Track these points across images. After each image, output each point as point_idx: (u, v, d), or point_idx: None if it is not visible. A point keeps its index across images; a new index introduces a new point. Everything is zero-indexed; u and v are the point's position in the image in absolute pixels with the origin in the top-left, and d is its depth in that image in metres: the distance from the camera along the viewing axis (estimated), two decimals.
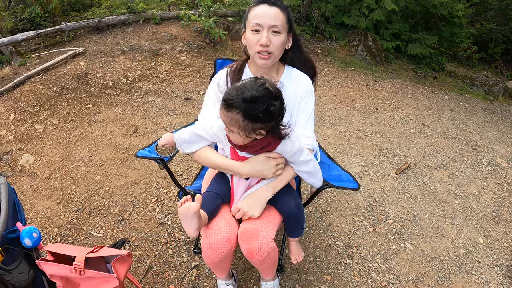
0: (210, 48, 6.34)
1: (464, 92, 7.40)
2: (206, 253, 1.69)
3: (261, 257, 1.69)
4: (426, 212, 3.27)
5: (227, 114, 1.47)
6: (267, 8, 1.76)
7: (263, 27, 1.75)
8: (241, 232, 1.71)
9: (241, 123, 1.46)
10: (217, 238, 1.65)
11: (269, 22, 1.75)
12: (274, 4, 1.78)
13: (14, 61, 5.33)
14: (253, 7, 1.80)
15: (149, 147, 1.99)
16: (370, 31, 8.14)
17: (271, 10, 1.76)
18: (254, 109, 1.43)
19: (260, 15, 1.76)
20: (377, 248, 2.78)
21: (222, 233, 1.66)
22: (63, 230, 2.73)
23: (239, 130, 1.50)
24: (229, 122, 1.49)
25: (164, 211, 2.95)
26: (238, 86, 1.47)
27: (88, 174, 3.35)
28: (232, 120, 1.47)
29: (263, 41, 1.74)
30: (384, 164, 3.92)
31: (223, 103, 1.47)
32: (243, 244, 1.69)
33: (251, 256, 1.69)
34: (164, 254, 2.54)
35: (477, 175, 4.02)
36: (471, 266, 2.75)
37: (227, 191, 1.81)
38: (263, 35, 1.75)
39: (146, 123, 4.23)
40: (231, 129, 1.52)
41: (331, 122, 4.77)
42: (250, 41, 1.80)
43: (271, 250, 1.71)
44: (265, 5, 1.77)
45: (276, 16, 1.77)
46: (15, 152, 3.62)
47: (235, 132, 1.52)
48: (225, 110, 1.47)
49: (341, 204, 3.21)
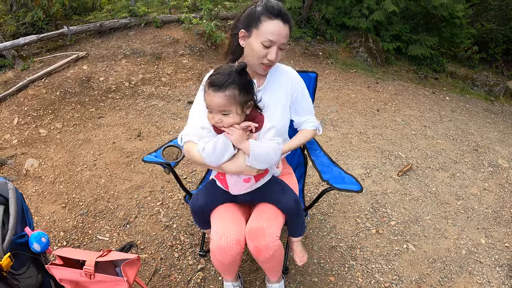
0: (212, 51, 6.38)
1: (465, 93, 7.43)
2: (216, 256, 1.72)
3: (268, 254, 1.72)
4: (428, 213, 3.30)
5: (222, 95, 1.52)
6: (281, 26, 1.78)
7: (275, 44, 1.78)
8: (248, 231, 1.74)
9: (237, 98, 1.55)
10: (227, 241, 1.68)
11: (282, 40, 1.79)
12: (287, 21, 1.80)
13: (17, 65, 5.36)
14: (266, 19, 1.77)
15: (155, 152, 2.01)
16: (371, 33, 8.17)
17: (284, 29, 1.79)
18: (244, 79, 1.58)
19: (275, 32, 1.76)
20: (380, 250, 2.80)
21: (232, 235, 1.69)
22: (69, 234, 2.75)
23: (237, 107, 1.56)
24: (226, 103, 1.54)
25: (169, 214, 2.97)
26: (219, 71, 1.58)
27: (92, 178, 3.37)
28: (230, 98, 1.53)
29: (273, 58, 1.79)
30: (386, 166, 3.95)
31: (213, 86, 1.54)
32: (251, 242, 1.72)
33: (258, 254, 1.72)
34: (170, 257, 2.57)
35: (478, 176, 4.04)
36: (473, 267, 2.76)
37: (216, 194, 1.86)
38: (272, 52, 1.79)
39: (150, 126, 4.26)
40: (229, 111, 1.56)
41: (333, 125, 4.80)
42: (257, 53, 1.80)
43: (277, 248, 1.75)
44: (280, 21, 1.78)
45: (287, 34, 1.81)
46: (19, 156, 3.65)
47: (232, 113, 1.57)
48: (221, 92, 1.52)
49: (344, 206, 3.24)
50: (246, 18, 1.85)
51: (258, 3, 1.83)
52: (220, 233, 1.70)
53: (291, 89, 2.01)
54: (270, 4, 1.79)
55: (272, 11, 1.77)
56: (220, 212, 1.81)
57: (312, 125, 2.09)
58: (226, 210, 1.82)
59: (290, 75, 2.04)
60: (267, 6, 1.78)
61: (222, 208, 1.83)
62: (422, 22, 8.71)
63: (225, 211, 1.81)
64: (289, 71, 2.05)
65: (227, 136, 1.60)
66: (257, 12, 1.79)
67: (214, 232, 1.72)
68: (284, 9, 1.81)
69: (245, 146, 1.61)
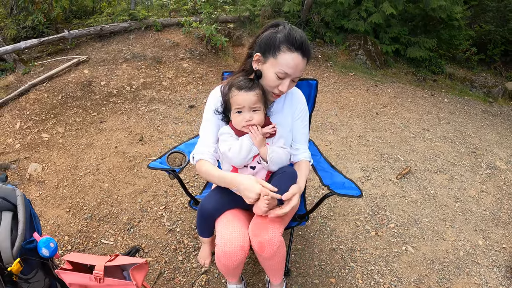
0: (212, 54, 6.42)
1: (464, 94, 7.46)
2: (221, 261, 1.75)
3: (271, 250, 1.74)
4: (427, 215, 3.34)
5: (253, 93, 1.76)
6: (300, 59, 1.72)
7: (289, 77, 1.75)
8: (252, 227, 1.79)
9: (263, 97, 1.80)
10: (232, 247, 1.71)
11: (297, 74, 1.76)
12: (307, 54, 1.75)
13: (18, 69, 5.38)
14: (286, 50, 1.70)
15: (160, 159, 2.05)
16: (370, 35, 8.20)
17: (302, 63, 1.74)
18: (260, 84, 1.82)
19: (292, 66, 1.71)
20: (379, 252, 2.85)
21: (237, 242, 1.72)
22: (73, 238, 2.79)
23: (263, 105, 1.81)
24: (256, 100, 1.77)
25: (172, 218, 3.01)
26: (240, 78, 1.83)
27: (96, 183, 3.41)
28: (259, 96, 1.78)
29: (284, 90, 1.77)
30: (385, 169, 3.99)
31: (243, 88, 1.76)
32: (254, 237, 1.75)
33: (262, 250, 1.75)
34: (174, 260, 2.61)
35: (476, 178, 4.08)
36: (470, 268, 2.81)
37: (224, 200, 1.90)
38: (285, 84, 1.76)
39: (152, 131, 4.30)
40: (259, 107, 1.79)
41: (333, 128, 4.84)
42: (269, 82, 1.78)
43: (281, 244, 1.78)
44: (299, 55, 1.71)
45: (304, 68, 1.78)
46: (22, 161, 3.68)
47: (260, 109, 1.80)
48: (250, 91, 1.76)
49: (344, 210, 3.28)
50: (264, 42, 1.77)
51: (279, 29, 1.75)
52: (226, 239, 1.73)
53: (294, 114, 2.01)
54: (293, 34, 1.71)
55: (294, 43, 1.70)
56: (226, 219, 1.84)
57: (308, 156, 2.07)
58: (232, 216, 1.85)
59: (296, 98, 2.03)
60: (289, 36, 1.71)
61: (228, 214, 1.86)
62: (421, 24, 8.75)
63: (231, 218, 1.84)
64: (295, 95, 2.04)
65: (252, 138, 1.80)
66: (277, 40, 1.72)
67: (219, 238, 1.76)
68: (307, 41, 1.73)
69: (263, 151, 1.82)
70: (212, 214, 1.88)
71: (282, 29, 1.75)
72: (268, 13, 8.10)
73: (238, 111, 1.79)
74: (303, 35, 1.74)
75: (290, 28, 1.75)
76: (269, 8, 8.18)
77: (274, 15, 8.20)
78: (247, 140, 1.80)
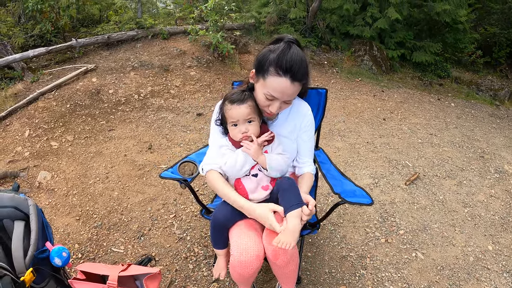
0: (219, 62, 6.43)
1: (470, 98, 7.43)
2: (236, 270, 1.75)
3: (285, 258, 1.75)
4: (436, 221, 3.33)
5: (246, 106, 1.77)
6: (288, 84, 1.66)
7: (278, 100, 1.73)
8: (266, 235, 1.79)
9: (256, 108, 1.80)
10: (248, 257, 1.71)
11: (286, 98, 1.73)
12: (297, 79, 1.68)
13: (26, 77, 5.42)
14: (274, 73, 1.66)
15: (172, 168, 2.06)
16: (375, 40, 8.19)
17: (291, 87, 1.68)
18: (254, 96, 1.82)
19: (279, 90, 1.68)
20: (389, 258, 2.84)
21: (252, 251, 1.72)
22: (83, 246, 2.79)
23: (255, 114, 1.80)
24: (250, 112, 1.77)
25: (182, 226, 3.02)
26: (233, 92, 1.84)
27: (105, 191, 3.43)
28: (252, 107, 1.78)
29: (274, 111, 1.76)
30: (394, 176, 3.99)
31: (236, 102, 1.77)
32: (269, 245, 1.75)
33: (276, 258, 1.75)
34: (185, 268, 2.61)
35: (485, 183, 4.06)
36: (480, 273, 2.80)
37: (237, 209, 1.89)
38: (274, 105, 1.75)
39: (160, 139, 4.31)
40: (253, 118, 1.80)
41: (341, 135, 4.84)
42: (260, 101, 1.78)
43: (294, 252, 1.80)
44: (288, 79, 1.65)
45: (295, 92, 1.73)
46: (32, 169, 3.69)
47: (255, 120, 1.81)
48: (243, 104, 1.77)
49: (354, 217, 3.28)
50: (259, 60, 1.74)
51: (276, 47, 1.70)
52: (241, 249, 1.73)
53: (300, 127, 2.01)
54: (282, 57, 1.65)
55: (282, 67, 1.64)
56: (239, 228, 1.84)
57: (312, 169, 2.08)
58: (245, 226, 1.85)
59: (301, 112, 2.01)
60: (279, 59, 1.65)
61: (241, 224, 1.86)
62: (426, 28, 8.74)
63: (245, 227, 1.84)
64: (301, 108, 2.01)
65: (245, 151, 1.79)
66: (268, 61, 1.68)
67: (234, 247, 1.76)
68: (298, 65, 1.65)
69: (262, 160, 1.82)
70: (225, 224, 1.88)
71: (277, 48, 1.69)
72: (273, 20, 8.12)
73: (233, 124, 1.81)
74: (296, 56, 1.66)
75: (285, 47, 1.68)
76: (275, 15, 8.19)
77: (279, 22, 8.22)
78: (241, 153, 1.82)
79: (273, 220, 1.70)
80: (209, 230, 2.93)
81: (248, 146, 1.78)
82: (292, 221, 1.67)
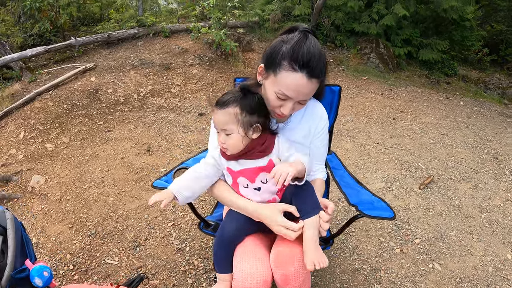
0: (222, 60, 6.29)
1: (478, 97, 7.35)
2: None
3: (297, 283, 1.51)
4: (453, 229, 3.13)
5: (224, 112, 1.46)
6: (304, 81, 1.41)
7: (291, 100, 1.48)
8: (275, 256, 1.55)
9: (239, 117, 1.45)
10: (254, 282, 1.48)
11: (301, 97, 1.47)
12: (314, 75, 1.42)
13: (24, 77, 5.32)
14: (288, 68, 1.40)
15: (166, 176, 1.85)
16: (381, 38, 8.10)
17: (308, 85, 1.43)
18: (249, 100, 1.46)
19: (293, 88, 1.43)
20: (405, 271, 2.64)
21: (259, 276, 1.50)
22: (75, 257, 2.62)
23: (238, 126, 1.46)
24: (228, 121, 1.46)
25: (181, 236, 2.83)
26: (227, 92, 1.52)
27: (100, 196, 3.25)
28: (230, 116, 1.45)
29: (286, 113, 1.51)
30: (407, 179, 3.79)
31: (217, 105, 1.48)
32: (278, 269, 1.51)
33: (286, 283, 1.51)
34: (183, 283, 2.42)
35: (500, 186, 3.87)
36: (500, 285, 2.61)
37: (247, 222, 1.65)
38: (287, 106, 1.49)
39: (160, 140, 4.15)
40: (230, 129, 1.47)
41: (350, 135, 4.67)
42: (270, 101, 1.51)
43: (307, 275, 1.55)
44: (304, 76, 1.40)
45: (312, 90, 1.47)
46: (25, 173, 3.55)
47: (234, 132, 1.47)
48: (221, 109, 1.46)
49: (366, 225, 3.08)
50: (268, 53, 1.49)
51: (289, 38, 1.45)
52: (246, 274, 1.50)
53: (314, 132, 1.73)
54: (298, 50, 1.39)
55: (297, 60, 1.38)
56: (245, 248, 1.60)
57: (324, 175, 1.84)
58: (252, 245, 1.61)
59: (317, 115, 1.73)
60: (294, 51, 1.40)
61: (247, 243, 1.62)
62: (432, 25, 8.63)
63: (251, 247, 1.60)
64: (315, 110, 1.74)
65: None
66: (280, 53, 1.42)
67: (238, 271, 1.53)
68: (316, 59, 1.40)
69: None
70: (233, 240, 1.63)
71: (291, 39, 1.43)
72: (277, 18, 7.99)
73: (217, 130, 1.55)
74: (314, 49, 1.41)
75: (300, 38, 1.42)
76: (279, 12, 8.07)
77: (284, 19, 8.08)
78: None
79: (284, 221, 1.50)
80: (210, 241, 2.75)
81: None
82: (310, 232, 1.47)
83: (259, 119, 1.49)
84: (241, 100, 1.45)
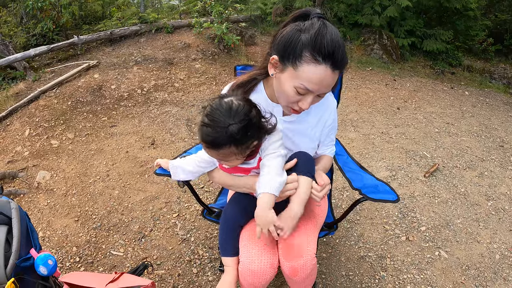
0: (225, 54, 6.28)
1: (484, 86, 7.29)
2: (247, 279, 1.51)
3: (304, 274, 1.50)
4: (459, 216, 3.11)
5: (218, 152, 1.35)
6: (328, 73, 1.29)
7: (312, 93, 1.36)
8: (284, 249, 1.54)
9: (236, 152, 1.34)
10: (261, 265, 1.48)
11: (323, 90, 1.35)
12: (338, 67, 1.31)
13: (28, 76, 5.33)
14: (310, 60, 1.27)
15: None
16: (384, 29, 8.04)
17: (331, 77, 1.31)
18: (242, 136, 1.30)
19: (316, 82, 1.30)
20: (411, 258, 2.63)
21: (266, 259, 1.49)
22: (81, 249, 2.63)
23: (237, 157, 1.38)
24: (224, 157, 1.38)
25: (186, 226, 2.83)
26: (212, 120, 1.29)
27: (106, 190, 3.26)
28: (226, 154, 1.35)
29: (305, 108, 1.39)
30: (411, 167, 3.77)
31: (208, 146, 1.33)
32: (286, 261, 1.50)
33: (295, 274, 1.50)
34: (188, 273, 2.42)
35: (506, 174, 3.84)
36: (507, 272, 2.59)
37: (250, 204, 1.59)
38: (307, 101, 1.37)
39: (164, 134, 4.15)
40: (229, 160, 1.41)
41: (354, 125, 4.65)
42: (287, 97, 1.39)
43: (314, 266, 1.53)
44: (328, 67, 1.28)
45: (333, 83, 1.35)
46: (31, 169, 3.56)
47: (232, 161, 1.41)
48: (214, 151, 1.34)
49: (371, 212, 3.06)
50: (284, 43, 1.33)
51: (306, 26, 1.30)
52: (253, 256, 1.49)
53: (324, 125, 1.66)
54: (320, 39, 1.26)
55: (322, 51, 1.25)
56: (251, 232, 1.59)
57: (332, 152, 1.79)
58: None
59: (327, 106, 1.64)
60: (316, 41, 1.26)
61: (252, 227, 1.59)
62: (435, 16, 8.57)
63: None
64: (326, 102, 1.63)
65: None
66: (300, 43, 1.28)
67: (245, 254, 1.52)
68: (341, 49, 1.28)
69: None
70: (238, 221, 1.62)
71: (309, 27, 1.29)
72: (280, 11, 7.95)
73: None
74: (337, 37, 1.28)
75: (321, 26, 1.28)
76: (281, 5, 8.03)
77: (286, 12, 8.04)
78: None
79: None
80: (214, 230, 2.75)
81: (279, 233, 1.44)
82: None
83: (256, 139, 1.39)
84: (234, 140, 1.30)
